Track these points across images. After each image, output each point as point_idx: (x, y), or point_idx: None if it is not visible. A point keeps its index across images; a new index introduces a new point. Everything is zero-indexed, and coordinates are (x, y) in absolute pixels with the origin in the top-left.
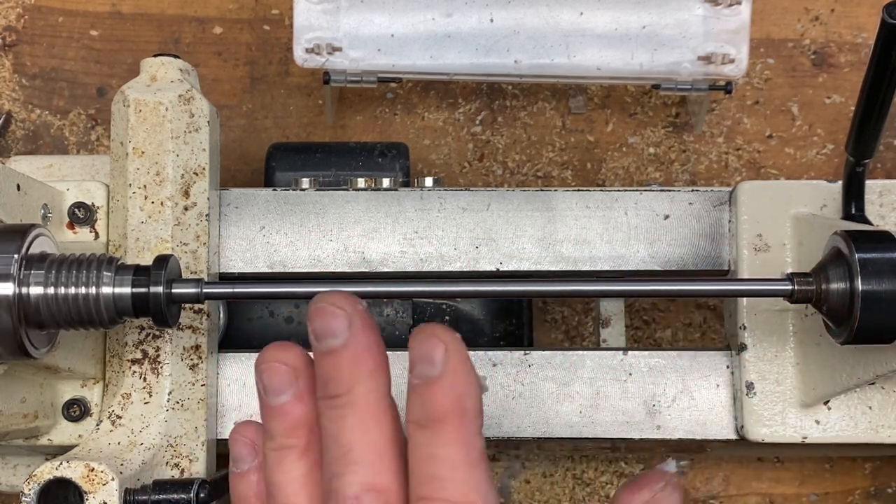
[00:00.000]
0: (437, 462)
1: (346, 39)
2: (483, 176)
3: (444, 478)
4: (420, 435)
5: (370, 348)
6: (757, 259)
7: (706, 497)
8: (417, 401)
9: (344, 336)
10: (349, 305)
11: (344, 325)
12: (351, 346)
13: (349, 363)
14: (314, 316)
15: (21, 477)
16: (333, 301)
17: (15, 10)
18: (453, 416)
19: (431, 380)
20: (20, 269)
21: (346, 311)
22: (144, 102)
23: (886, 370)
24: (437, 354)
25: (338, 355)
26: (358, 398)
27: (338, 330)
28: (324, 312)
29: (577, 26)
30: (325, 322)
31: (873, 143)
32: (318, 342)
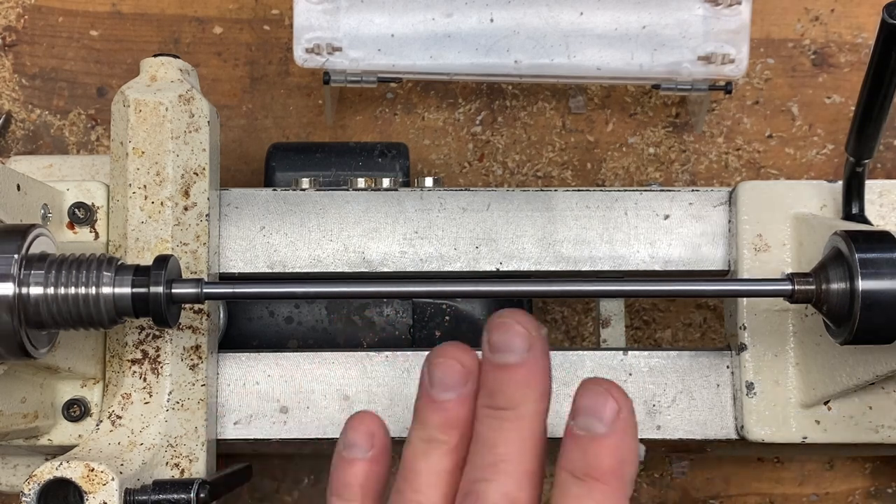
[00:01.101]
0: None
1: (346, 39)
2: (483, 176)
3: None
4: (572, 484)
5: (544, 373)
6: (757, 259)
7: (706, 497)
8: (577, 451)
9: (522, 355)
10: (533, 328)
11: (524, 344)
12: (527, 365)
13: (522, 381)
14: (495, 328)
15: (21, 477)
16: (518, 319)
17: (15, 10)
18: (611, 479)
19: (597, 436)
20: (20, 269)
21: (528, 331)
22: (144, 102)
23: (886, 370)
24: (608, 413)
25: (512, 371)
26: (522, 416)
27: (517, 347)
28: (507, 327)
29: (577, 26)
30: (506, 336)
31: (873, 143)
32: (494, 354)
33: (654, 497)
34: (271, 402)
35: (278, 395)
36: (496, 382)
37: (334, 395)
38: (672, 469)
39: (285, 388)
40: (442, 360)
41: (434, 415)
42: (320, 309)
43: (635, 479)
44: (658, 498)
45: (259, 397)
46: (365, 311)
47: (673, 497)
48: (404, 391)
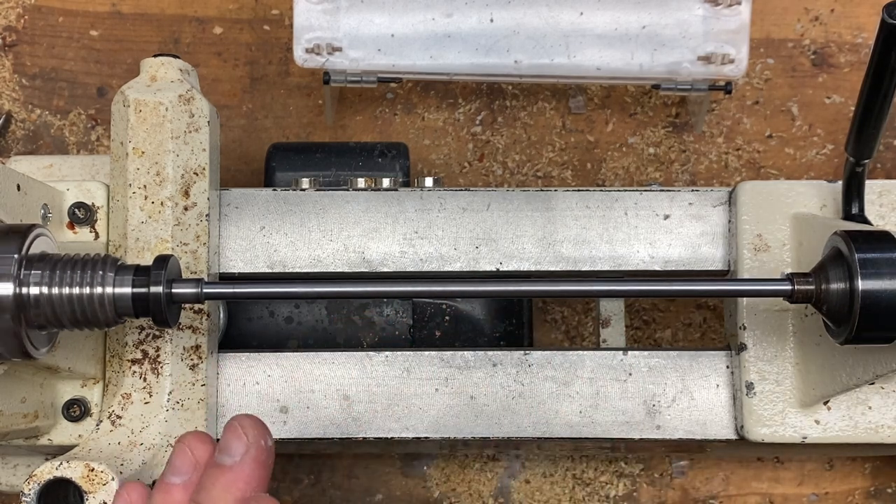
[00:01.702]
0: None
1: (346, 39)
2: (483, 176)
3: None
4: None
5: (248, 481)
6: (757, 259)
7: (706, 497)
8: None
9: (234, 458)
10: (254, 436)
11: (241, 450)
12: (234, 471)
13: (224, 484)
14: (226, 429)
15: (21, 477)
16: (244, 424)
17: (15, 10)
18: None
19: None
20: (20, 269)
21: (248, 439)
22: (144, 102)
23: (886, 370)
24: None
25: (220, 472)
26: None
27: (235, 451)
28: (232, 431)
29: (577, 26)
30: (228, 440)
31: (873, 143)
32: (218, 454)
33: (654, 497)
34: (271, 402)
35: (278, 395)
36: (207, 479)
37: (334, 395)
38: (672, 469)
39: (285, 388)
40: (179, 447)
41: (158, 494)
42: (320, 309)
43: None
44: (658, 498)
45: (259, 397)
46: (365, 311)
47: (673, 497)
48: (404, 391)
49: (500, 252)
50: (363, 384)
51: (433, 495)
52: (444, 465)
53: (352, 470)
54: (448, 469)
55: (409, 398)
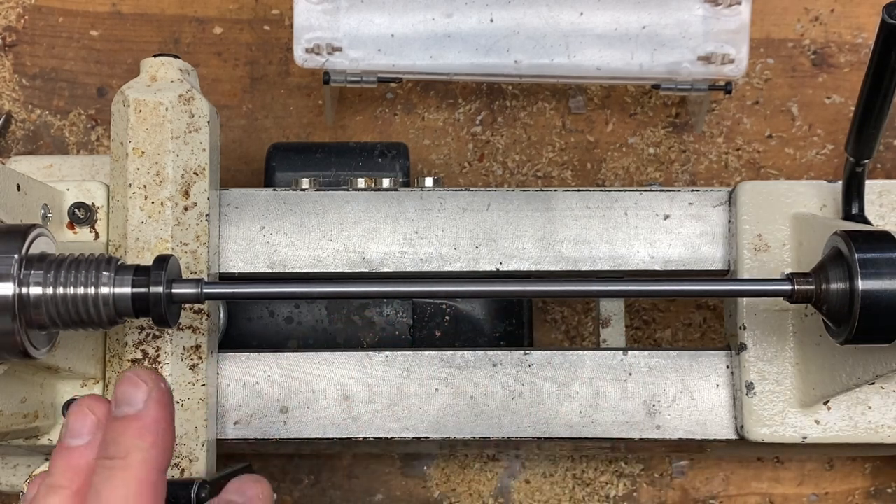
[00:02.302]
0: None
1: (346, 39)
2: (483, 176)
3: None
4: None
5: (157, 423)
6: (757, 259)
7: (706, 497)
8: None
9: (138, 407)
10: (152, 381)
11: (141, 397)
12: (142, 416)
13: (134, 431)
14: (118, 383)
15: (21, 477)
16: (139, 374)
17: (15, 10)
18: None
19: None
20: (20, 269)
21: (147, 384)
22: (144, 102)
23: (886, 370)
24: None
25: (127, 422)
26: (131, 464)
27: (134, 399)
28: (128, 381)
29: (577, 26)
30: (125, 390)
31: (873, 143)
32: (116, 407)
33: (654, 497)
34: (271, 402)
35: (278, 395)
36: (113, 433)
37: (334, 395)
38: (672, 469)
39: (285, 388)
40: (76, 409)
41: (61, 460)
42: (320, 309)
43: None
44: (658, 498)
45: (259, 397)
46: (365, 311)
47: (673, 497)
48: (404, 391)
49: (500, 252)
50: (363, 384)
51: (433, 495)
52: (444, 465)
53: (352, 470)
54: (448, 469)
55: (409, 398)
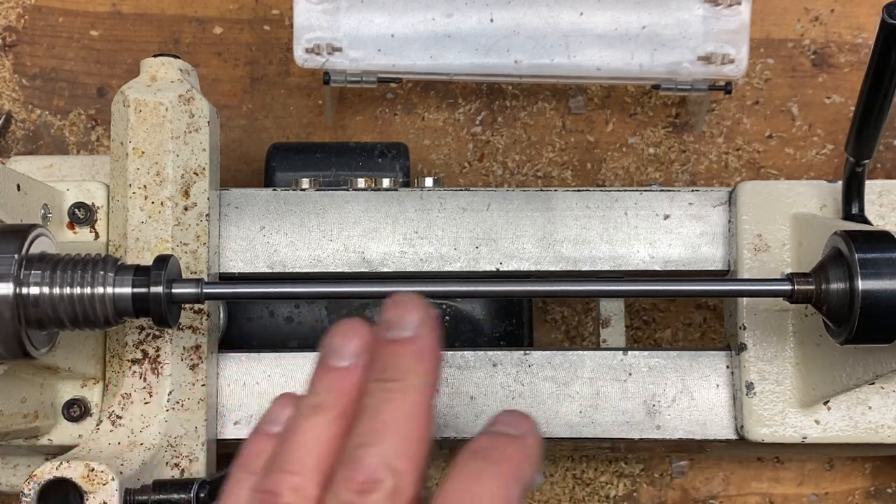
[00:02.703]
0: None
1: (346, 39)
2: (483, 176)
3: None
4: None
5: (433, 349)
6: (757, 259)
7: (706, 497)
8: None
9: (413, 330)
10: (424, 306)
11: (417, 321)
12: (417, 341)
13: (412, 355)
14: (391, 306)
15: (21, 477)
16: (411, 298)
17: (15, 10)
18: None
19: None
20: (20, 269)
21: (420, 309)
22: (144, 102)
23: (886, 370)
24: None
25: (403, 345)
26: (409, 387)
27: (410, 324)
28: (401, 304)
29: (577, 26)
30: (400, 313)
31: (873, 143)
32: (388, 331)
33: (654, 497)
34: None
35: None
36: (388, 356)
37: None
38: (672, 469)
39: (285, 388)
40: (340, 329)
41: (325, 380)
42: (320, 309)
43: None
44: (658, 498)
45: (259, 397)
46: (365, 311)
47: (673, 497)
48: None
49: (500, 252)
50: None
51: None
52: (444, 465)
53: None
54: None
55: None
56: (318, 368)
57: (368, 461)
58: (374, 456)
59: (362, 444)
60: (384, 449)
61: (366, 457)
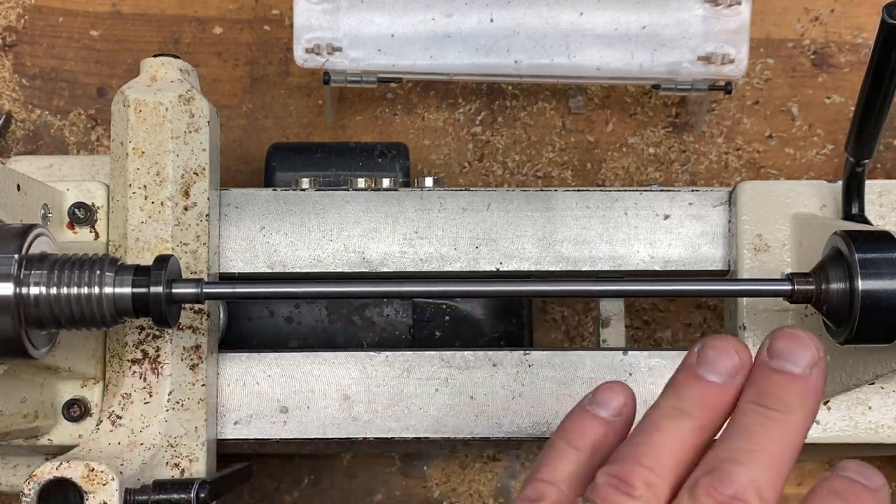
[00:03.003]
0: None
1: (346, 39)
2: (483, 176)
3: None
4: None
5: (819, 391)
6: (757, 259)
7: None
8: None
9: (804, 369)
10: (819, 348)
11: (811, 361)
12: (808, 380)
13: (799, 392)
14: (784, 337)
15: (21, 477)
16: (808, 336)
17: (15, 10)
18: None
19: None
20: (20, 269)
21: (817, 351)
22: (144, 102)
23: (886, 370)
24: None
25: (791, 380)
26: (792, 422)
27: (801, 360)
28: (797, 339)
29: (577, 26)
30: (792, 348)
31: (873, 143)
32: (775, 360)
33: None
34: (271, 402)
35: (278, 395)
36: (771, 385)
37: (334, 395)
38: None
39: (285, 388)
40: (719, 344)
41: (695, 391)
42: (320, 309)
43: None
44: None
45: (259, 397)
46: (365, 311)
47: None
48: (404, 391)
49: (500, 252)
50: (363, 384)
51: (433, 495)
52: (444, 465)
53: (352, 470)
54: (448, 469)
55: (409, 398)
56: (686, 375)
57: (738, 478)
58: (745, 475)
59: (734, 460)
60: (755, 472)
61: (736, 473)
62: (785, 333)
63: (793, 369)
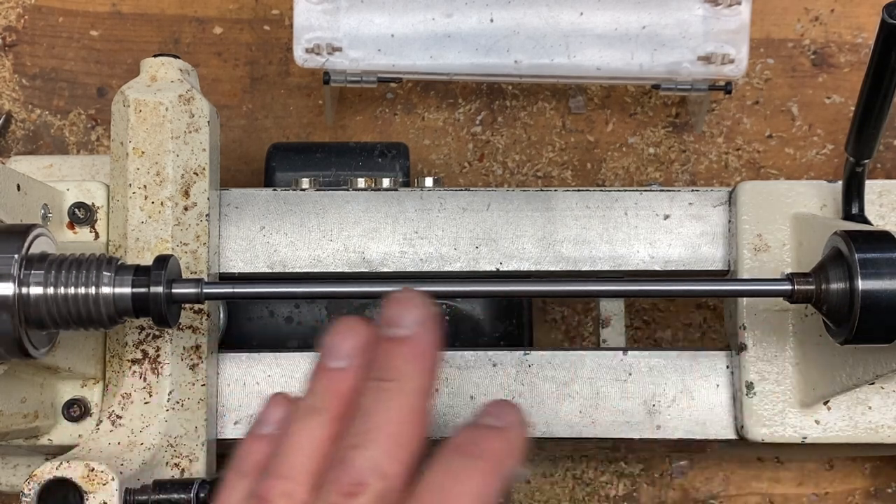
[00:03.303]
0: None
1: (346, 39)
2: (483, 176)
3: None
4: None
5: (430, 349)
6: (757, 259)
7: (706, 497)
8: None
9: (413, 329)
10: (424, 304)
11: (415, 319)
12: (415, 340)
13: (408, 356)
14: (392, 304)
15: (21, 477)
16: (411, 296)
17: (15, 10)
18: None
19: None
20: (20, 269)
21: (419, 307)
22: (144, 102)
23: (886, 370)
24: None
25: (401, 345)
26: (405, 388)
27: (410, 322)
28: (402, 302)
29: (577, 26)
30: (399, 310)
31: (873, 143)
32: (388, 328)
33: (654, 497)
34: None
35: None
36: (386, 355)
37: None
38: (672, 469)
39: (285, 388)
40: (339, 329)
41: (323, 382)
42: (320, 309)
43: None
44: (658, 498)
45: (259, 397)
46: (365, 311)
47: (673, 497)
48: None
49: (500, 252)
50: None
51: None
52: None
53: None
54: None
55: None
56: (315, 370)
57: (357, 463)
58: (363, 458)
59: (353, 446)
60: (373, 452)
61: (355, 459)
62: (391, 299)
63: (399, 332)
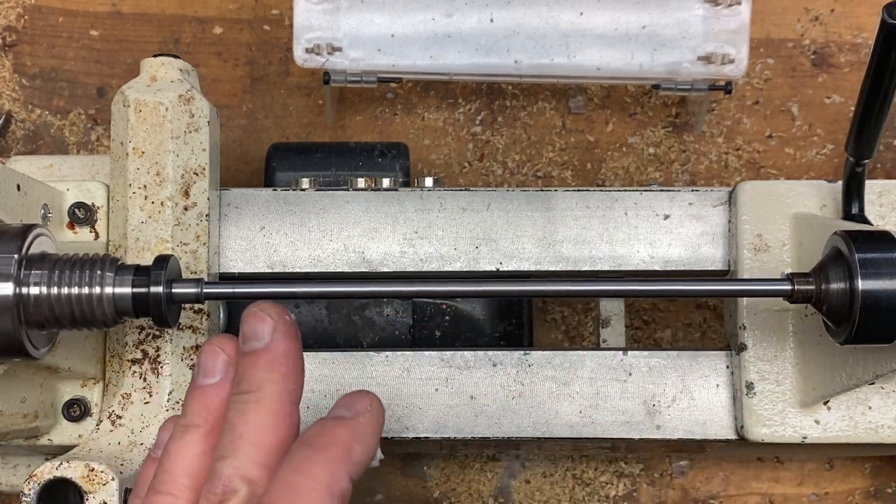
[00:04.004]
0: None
1: (346, 39)
2: (483, 176)
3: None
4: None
5: (286, 355)
6: (757, 259)
7: (706, 497)
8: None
9: (266, 340)
10: (277, 314)
11: (268, 330)
12: (270, 348)
13: (265, 365)
14: (245, 319)
15: (21, 477)
16: (264, 308)
17: (15, 10)
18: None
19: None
20: (20, 269)
21: (272, 318)
22: (144, 102)
23: (886, 370)
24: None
25: (256, 356)
26: (263, 397)
27: (262, 334)
28: (253, 316)
29: (577, 26)
30: (252, 325)
31: (873, 143)
32: (244, 343)
33: (654, 497)
34: None
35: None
36: (244, 368)
37: (334, 395)
38: (672, 469)
39: None
40: (207, 348)
41: (194, 400)
42: (320, 309)
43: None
44: (658, 498)
45: None
46: (365, 311)
47: (673, 497)
48: (404, 391)
49: (500, 252)
50: (363, 384)
51: (433, 495)
52: (444, 465)
53: None
54: (448, 469)
55: (409, 398)
56: (190, 389)
57: (225, 472)
58: (229, 467)
59: (220, 457)
60: (237, 460)
61: (223, 469)
62: (246, 314)
63: (256, 345)
